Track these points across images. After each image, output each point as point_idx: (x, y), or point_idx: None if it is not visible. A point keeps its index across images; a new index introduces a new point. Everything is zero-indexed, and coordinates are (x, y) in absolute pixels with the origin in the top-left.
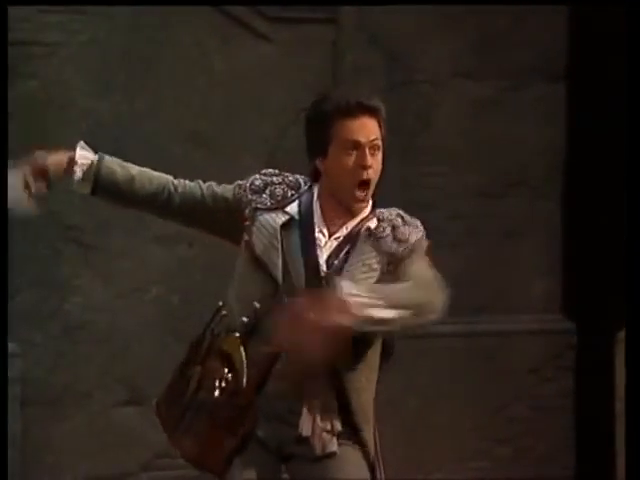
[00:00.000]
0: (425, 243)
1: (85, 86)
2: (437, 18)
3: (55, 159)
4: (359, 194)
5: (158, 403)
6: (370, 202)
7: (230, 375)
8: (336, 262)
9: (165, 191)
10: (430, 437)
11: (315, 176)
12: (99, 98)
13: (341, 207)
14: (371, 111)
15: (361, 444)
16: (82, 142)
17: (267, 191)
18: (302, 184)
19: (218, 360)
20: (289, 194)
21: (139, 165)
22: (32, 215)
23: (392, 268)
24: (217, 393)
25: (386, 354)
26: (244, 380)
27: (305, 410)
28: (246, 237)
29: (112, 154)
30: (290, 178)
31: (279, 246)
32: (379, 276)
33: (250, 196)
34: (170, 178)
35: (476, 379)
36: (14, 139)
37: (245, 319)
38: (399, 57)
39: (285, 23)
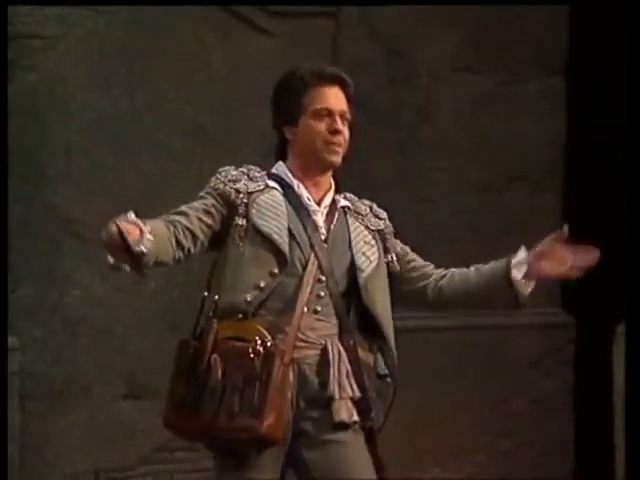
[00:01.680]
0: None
1: (84, 80)
2: (437, 13)
3: (129, 227)
4: (330, 157)
5: (169, 417)
6: (332, 182)
7: (259, 344)
8: (332, 227)
9: (172, 236)
10: (430, 431)
11: (281, 151)
12: (99, 92)
13: (316, 177)
14: (343, 84)
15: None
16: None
17: (245, 177)
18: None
19: (232, 341)
20: (261, 174)
21: (138, 161)
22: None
23: (389, 246)
24: (258, 363)
25: None
26: (273, 343)
27: (332, 375)
28: (240, 221)
29: (112, 148)
30: (249, 166)
31: (286, 223)
32: (380, 252)
33: (234, 185)
34: (167, 224)
35: (476, 373)
36: (13, 133)
37: (249, 297)
38: (399, 51)
39: (285, 17)
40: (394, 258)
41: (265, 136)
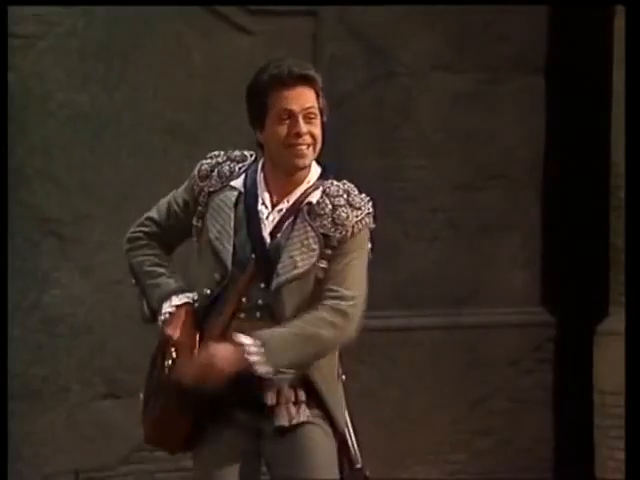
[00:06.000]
0: (368, 227)
1: (63, 79)
2: (417, 12)
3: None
4: (296, 161)
5: (145, 431)
6: (318, 170)
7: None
8: (279, 235)
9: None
10: (409, 429)
11: (261, 149)
12: (77, 90)
13: (284, 177)
14: (306, 80)
15: (328, 417)
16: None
17: (215, 172)
18: (248, 157)
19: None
20: (236, 169)
21: (117, 159)
22: None
23: (330, 253)
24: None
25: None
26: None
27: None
28: (197, 223)
29: (91, 147)
30: (235, 153)
31: (232, 231)
32: (317, 257)
33: (200, 183)
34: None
35: (455, 372)
36: None
37: (208, 291)
38: (379, 50)
39: (265, 16)
40: (323, 266)
41: (245, 134)
